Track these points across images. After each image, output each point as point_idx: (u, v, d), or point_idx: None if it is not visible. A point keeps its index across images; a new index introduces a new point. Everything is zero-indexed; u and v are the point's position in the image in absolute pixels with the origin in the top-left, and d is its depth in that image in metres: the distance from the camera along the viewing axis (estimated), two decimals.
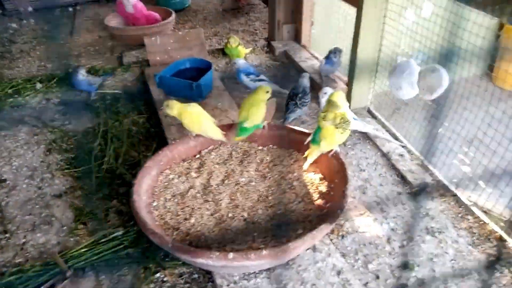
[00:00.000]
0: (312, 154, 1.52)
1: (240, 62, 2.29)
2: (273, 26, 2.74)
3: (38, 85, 2.46)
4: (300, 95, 1.98)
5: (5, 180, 1.78)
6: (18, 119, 2.18)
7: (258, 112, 1.59)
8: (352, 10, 2.01)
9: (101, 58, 2.80)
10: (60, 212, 1.60)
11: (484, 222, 1.45)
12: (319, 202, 1.42)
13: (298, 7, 2.61)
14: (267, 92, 1.59)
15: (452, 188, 1.57)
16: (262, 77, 2.27)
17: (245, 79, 2.25)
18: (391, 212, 1.52)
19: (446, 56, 1.69)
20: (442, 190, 1.59)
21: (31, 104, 2.31)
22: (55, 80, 2.50)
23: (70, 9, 3.69)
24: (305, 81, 2.05)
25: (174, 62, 2.34)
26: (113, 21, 2.97)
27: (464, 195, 1.54)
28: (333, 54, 2.20)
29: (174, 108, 1.57)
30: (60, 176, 1.79)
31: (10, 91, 2.42)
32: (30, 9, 3.54)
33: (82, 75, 2.23)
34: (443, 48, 1.69)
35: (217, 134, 1.63)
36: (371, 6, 1.80)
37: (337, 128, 1.42)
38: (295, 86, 2.05)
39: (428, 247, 1.37)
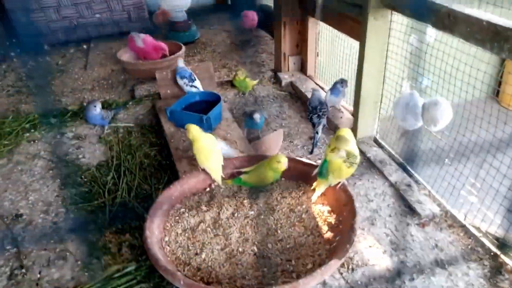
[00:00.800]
0: (320, 186, 1.55)
1: (180, 64, 2.53)
2: (279, 58, 2.82)
3: (53, 120, 2.55)
4: (318, 107, 2.15)
5: (21, 215, 1.83)
6: (34, 154, 2.25)
7: (261, 176, 1.63)
8: (356, 41, 2.07)
9: (114, 92, 2.90)
10: (75, 247, 1.64)
11: (496, 254, 1.45)
12: (328, 235, 1.44)
13: (303, 40, 2.69)
14: (279, 162, 1.59)
15: (461, 218, 1.58)
16: (195, 83, 2.47)
17: (179, 81, 2.49)
18: (400, 243, 1.53)
19: (450, 81, 1.72)
20: (450, 220, 1.60)
21: (46, 138, 2.39)
22: (69, 114, 2.59)
23: (85, 46, 3.83)
24: (318, 94, 2.21)
25: (184, 96, 2.41)
26: (125, 55, 3.08)
27: (473, 226, 1.54)
28: (339, 85, 2.26)
29: (190, 132, 1.67)
30: (75, 211, 1.83)
31: (27, 125, 2.51)
32: (46, 47, 3.69)
33: (96, 110, 2.31)
34: (446, 73, 1.73)
35: (216, 176, 1.68)
36: (373, 41, 1.86)
37: (344, 162, 1.45)
38: (310, 101, 2.21)
39: (438, 281, 1.37)
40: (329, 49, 2.73)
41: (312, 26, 2.62)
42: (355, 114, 2.10)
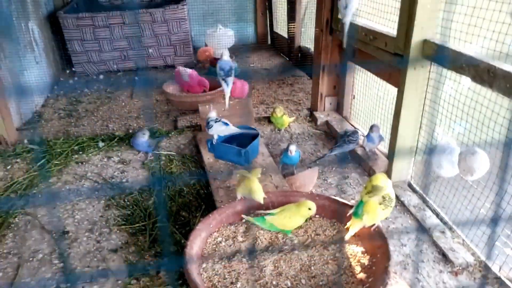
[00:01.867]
0: (354, 226, 1.59)
1: (224, 57, 2.63)
2: (316, 97, 2.93)
3: (101, 144, 2.72)
4: (349, 133, 2.33)
5: (68, 232, 1.95)
6: (81, 175, 2.41)
7: (286, 219, 1.66)
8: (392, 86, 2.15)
9: (157, 121, 3.07)
10: (116, 267, 1.73)
11: None
12: (361, 276, 1.47)
13: (340, 82, 2.80)
14: (309, 209, 1.64)
15: (495, 270, 1.58)
16: (228, 80, 2.59)
17: (218, 71, 2.63)
18: None
19: (482, 129, 1.74)
20: (484, 271, 1.59)
21: (93, 161, 2.55)
22: (116, 139, 2.76)
23: (134, 77, 4.09)
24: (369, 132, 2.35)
25: None
26: (170, 87, 3.28)
27: (508, 279, 1.53)
28: (372, 133, 2.31)
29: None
30: (117, 231, 1.94)
31: (76, 148, 2.69)
32: (101, 76, 3.97)
33: (145, 137, 2.47)
34: (485, 118, 1.74)
35: (259, 197, 1.76)
36: (412, 89, 1.93)
37: (380, 204, 1.50)
38: (347, 130, 2.44)
39: None
40: (364, 91, 2.82)
41: (350, 70, 2.73)
42: (390, 158, 2.15)
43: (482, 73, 1.53)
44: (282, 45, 4.44)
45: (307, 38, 3.81)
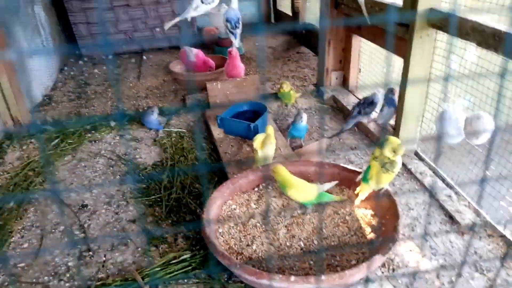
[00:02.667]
0: (363, 191, 1.65)
1: (233, 5, 2.71)
2: (322, 73, 2.96)
3: (112, 123, 2.78)
4: (366, 104, 2.28)
5: (86, 205, 2.02)
6: (95, 153, 2.47)
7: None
8: (398, 57, 2.18)
9: (166, 100, 3.12)
10: (135, 236, 1.81)
11: None
12: (371, 236, 1.54)
13: (346, 56, 2.82)
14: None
15: (500, 228, 1.64)
16: (235, 32, 2.63)
17: (225, 23, 2.68)
18: (439, 249, 1.60)
19: (493, 101, 1.79)
20: (490, 230, 1.65)
21: (106, 139, 2.62)
22: (127, 118, 2.82)
23: (140, 59, 4.12)
24: (377, 96, 2.30)
25: (233, 105, 2.59)
26: (176, 67, 3.32)
27: None
28: (391, 94, 2.26)
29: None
30: (134, 204, 2.01)
31: (88, 127, 2.75)
32: (110, 57, 4.00)
33: (154, 115, 2.52)
34: (490, 91, 1.79)
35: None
36: (418, 59, 1.96)
37: (382, 167, 1.56)
38: (366, 97, 2.33)
39: (477, 284, 1.43)
40: (370, 64, 2.84)
41: (356, 43, 2.75)
42: (397, 127, 2.19)
43: (488, 38, 1.56)
44: (286, 22, 4.44)
45: (311, 14, 3.81)
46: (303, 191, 1.67)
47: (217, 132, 2.49)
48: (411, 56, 1.96)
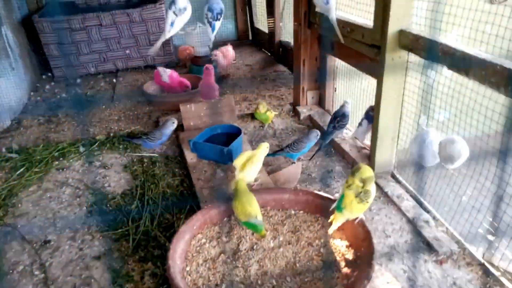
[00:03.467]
0: (337, 220, 1.59)
1: (216, 1, 2.70)
2: (298, 92, 2.91)
3: (81, 148, 2.67)
4: (338, 118, 2.31)
5: (49, 241, 1.91)
6: (62, 182, 2.36)
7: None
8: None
9: (139, 123, 3.03)
10: (99, 274, 1.70)
11: None
12: (346, 270, 1.47)
13: (321, 75, 2.79)
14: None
15: (479, 256, 1.59)
16: (214, 24, 2.61)
17: (205, 12, 2.67)
18: (417, 280, 1.54)
19: (467, 114, 1.74)
20: (468, 258, 1.60)
21: (74, 166, 2.50)
22: (96, 144, 2.71)
23: (112, 78, 4.03)
24: (346, 108, 2.35)
25: (206, 129, 2.51)
26: (150, 88, 3.23)
27: (491, 264, 1.54)
28: (371, 112, 2.21)
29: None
30: (100, 238, 1.91)
31: (56, 154, 2.63)
32: (78, 80, 3.90)
33: (174, 125, 2.56)
34: (464, 105, 1.75)
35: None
36: (390, 79, 1.93)
37: (356, 197, 1.50)
38: (336, 111, 2.37)
39: None
40: (346, 84, 2.81)
41: (330, 63, 2.72)
42: (372, 148, 2.14)
43: (458, 61, 1.53)
44: (263, 40, 4.42)
45: (286, 33, 3.79)
46: (241, 209, 1.64)
47: (190, 157, 2.41)
48: (384, 78, 1.92)
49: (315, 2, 2.25)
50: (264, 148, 2.00)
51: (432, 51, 1.66)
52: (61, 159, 2.59)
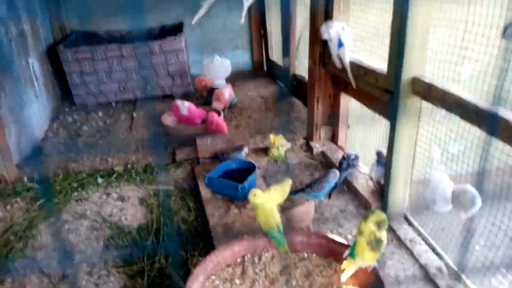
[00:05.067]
0: (349, 267, 1.60)
1: None
2: (312, 127, 2.96)
3: (100, 180, 2.75)
4: (352, 157, 2.46)
5: (67, 276, 1.96)
6: (81, 213, 2.42)
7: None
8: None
9: (156, 154, 3.10)
10: None
11: None
12: None
13: (335, 113, 2.84)
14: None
15: None
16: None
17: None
18: None
19: (483, 147, 1.74)
20: None
21: (92, 198, 2.57)
22: (115, 175, 2.79)
23: (132, 108, 4.15)
24: (358, 154, 2.51)
25: (222, 163, 2.57)
26: (168, 119, 3.32)
27: None
28: (381, 158, 2.30)
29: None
30: (115, 274, 1.95)
31: (75, 185, 2.71)
32: (100, 113, 4.02)
33: (243, 153, 2.68)
34: (480, 139, 1.75)
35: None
36: (404, 124, 1.96)
37: (368, 245, 1.52)
38: (349, 154, 2.52)
39: None
40: (359, 121, 2.85)
41: (344, 101, 2.77)
42: (385, 190, 2.16)
43: (470, 113, 1.57)
44: (278, 72, 4.51)
45: (300, 67, 3.87)
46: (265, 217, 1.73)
47: (204, 192, 2.46)
48: (397, 122, 1.96)
49: (329, 46, 2.32)
50: (289, 185, 2.00)
51: (445, 101, 1.70)
52: (79, 190, 2.67)
